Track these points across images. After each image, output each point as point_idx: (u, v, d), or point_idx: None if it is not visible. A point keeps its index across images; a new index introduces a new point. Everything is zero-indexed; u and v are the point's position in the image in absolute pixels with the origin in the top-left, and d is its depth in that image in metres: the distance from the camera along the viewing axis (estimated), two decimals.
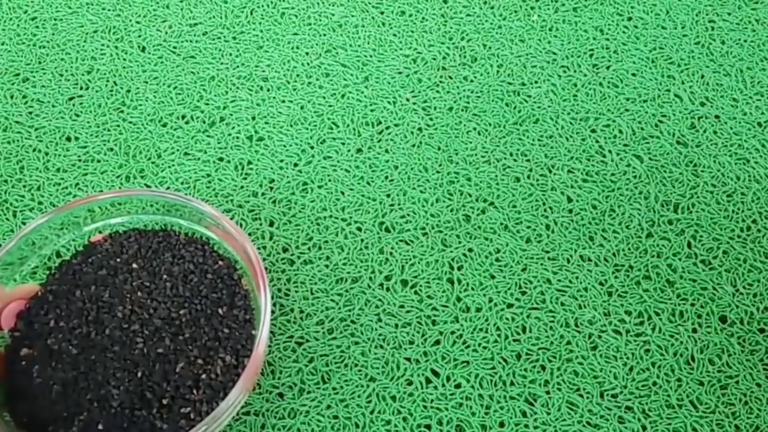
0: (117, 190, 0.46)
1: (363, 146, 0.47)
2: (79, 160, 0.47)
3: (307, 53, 0.51)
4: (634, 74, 0.50)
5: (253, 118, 0.49)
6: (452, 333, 0.41)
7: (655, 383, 0.39)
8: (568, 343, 0.40)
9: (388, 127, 0.48)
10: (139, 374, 0.36)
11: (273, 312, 0.41)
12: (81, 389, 0.36)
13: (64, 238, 0.41)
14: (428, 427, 0.38)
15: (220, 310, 0.38)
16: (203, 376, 0.36)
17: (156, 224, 0.42)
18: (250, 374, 0.35)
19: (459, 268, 0.43)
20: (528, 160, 0.46)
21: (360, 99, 0.49)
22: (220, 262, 0.40)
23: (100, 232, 0.42)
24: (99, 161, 0.47)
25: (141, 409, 0.35)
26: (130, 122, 0.49)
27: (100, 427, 0.35)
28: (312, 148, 0.47)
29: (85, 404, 0.36)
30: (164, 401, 0.36)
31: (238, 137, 0.48)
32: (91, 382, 0.36)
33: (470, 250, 0.43)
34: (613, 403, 0.38)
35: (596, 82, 0.49)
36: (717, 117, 0.48)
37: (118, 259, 0.40)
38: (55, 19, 0.53)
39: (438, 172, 0.46)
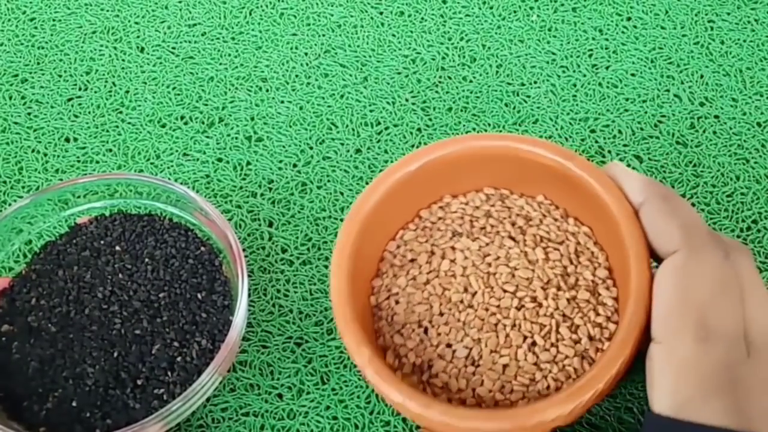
0: (102, 174, 0.46)
1: (362, 146, 0.47)
2: (78, 161, 0.47)
3: (306, 53, 0.51)
4: (633, 74, 0.50)
5: (252, 119, 0.48)
6: None
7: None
8: None
9: (387, 128, 0.48)
10: (116, 354, 0.37)
11: (272, 313, 0.41)
12: (57, 366, 0.37)
13: (46, 222, 0.42)
14: None
15: (198, 295, 0.39)
16: (178, 358, 0.37)
17: (141, 209, 0.42)
18: (222, 357, 0.36)
19: None
20: None
21: (359, 99, 0.49)
22: (202, 248, 0.41)
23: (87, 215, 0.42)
24: (98, 162, 0.47)
25: (115, 389, 0.36)
26: (129, 123, 0.49)
27: (74, 404, 0.36)
28: (311, 148, 0.47)
29: (61, 381, 0.36)
30: (138, 382, 0.36)
31: (236, 138, 0.48)
32: (67, 360, 0.37)
33: None
34: (612, 404, 0.38)
35: (595, 82, 0.49)
36: (717, 117, 0.48)
37: (102, 242, 0.41)
38: (54, 20, 0.53)
39: None
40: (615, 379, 0.31)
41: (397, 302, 0.36)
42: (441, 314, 0.35)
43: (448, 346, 0.35)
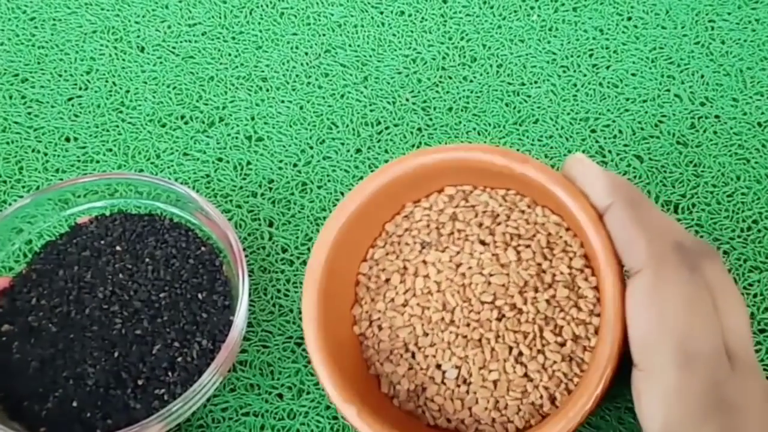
0: (102, 173, 0.46)
1: (362, 146, 0.47)
2: (78, 161, 0.47)
3: (306, 53, 0.51)
4: (633, 74, 0.50)
5: (253, 119, 0.48)
6: None
7: None
8: None
9: (387, 128, 0.48)
10: (116, 354, 0.37)
11: (272, 313, 0.41)
12: (58, 366, 0.37)
13: (46, 221, 0.42)
14: None
15: (199, 295, 0.39)
16: (179, 359, 0.37)
17: (142, 208, 0.42)
18: (223, 358, 0.36)
19: None
20: None
21: (359, 99, 0.49)
22: (203, 248, 0.41)
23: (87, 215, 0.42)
24: (98, 162, 0.47)
25: (116, 389, 0.36)
26: (129, 123, 0.49)
27: (74, 404, 0.36)
28: (311, 148, 0.47)
29: (61, 381, 0.36)
30: (139, 382, 0.36)
31: (237, 137, 0.48)
32: (68, 360, 0.37)
33: None
34: (612, 404, 0.38)
35: (596, 82, 0.49)
36: (717, 117, 0.48)
37: (102, 241, 0.41)
38: (54, 20, 0.53)
39: None
40: (600, 397, 0.31)
41: (380, 328, 0.36)
42: (425, 335, 0.35)
43: (438, 367, 0.34)
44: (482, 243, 0.36)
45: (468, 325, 0.34)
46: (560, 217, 0.36)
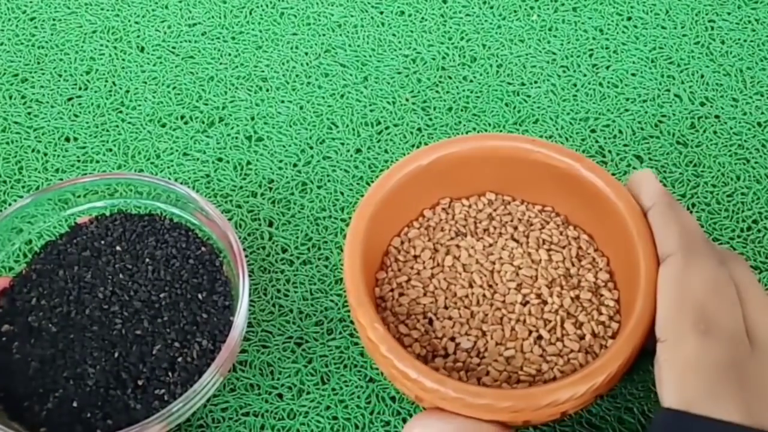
0: (102, 173, 0.46)
1: (362, 146, 0.47)
2: (78, 161, 0.47)
3: (306, 53, 0.51)
4: (633, 74, 0.50)
5: (252, 119, 0.48)
6: None
7: (654, 385, 0.39)
8: None
9: (387, 128, 0.48)
10: (116, 354, 0.37)
11: (272, 313, 0.41)
12: (58, 367, 0.36)
13: (46, 221, 0.42)
14: None
15: (199, 296, 0.39)
16: (179, 359, 0.37)
17: (142, 208, 0.42)
18: (223, 358, 0.36)
19: None
20: None
21: (359, 99, 0.49)
22: (203, 248, 0.41)
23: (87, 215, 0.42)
24: (98, 162, 0.47)
25: (116, 389, 0.36)
26: (129, 123, 0.49)
27: (74, 404, 0.36)
28: (311, 148, 0.47)
29: (61, 381, 0.36)
30: (139, 382, 0.36)
31: (237, 137, 0.48)
32: (68, 360, 0.37)
33: None
34: (612, 404, 0.38)
35: (596, 82, 0.49)
36: (717, 117, 0.48)
37: (102, 242, 0.41)
38: (54, 20, 0.53)
39: None
40: (625, 365, 0.31)
41: (401, 294, 0.37)
42: (446, 308, 0.36)
43: (452, 339, 0.35)
44: (515, 241, 0.38)
45: (491, 305, 0.36)
46: (590, 236, 0.38)
